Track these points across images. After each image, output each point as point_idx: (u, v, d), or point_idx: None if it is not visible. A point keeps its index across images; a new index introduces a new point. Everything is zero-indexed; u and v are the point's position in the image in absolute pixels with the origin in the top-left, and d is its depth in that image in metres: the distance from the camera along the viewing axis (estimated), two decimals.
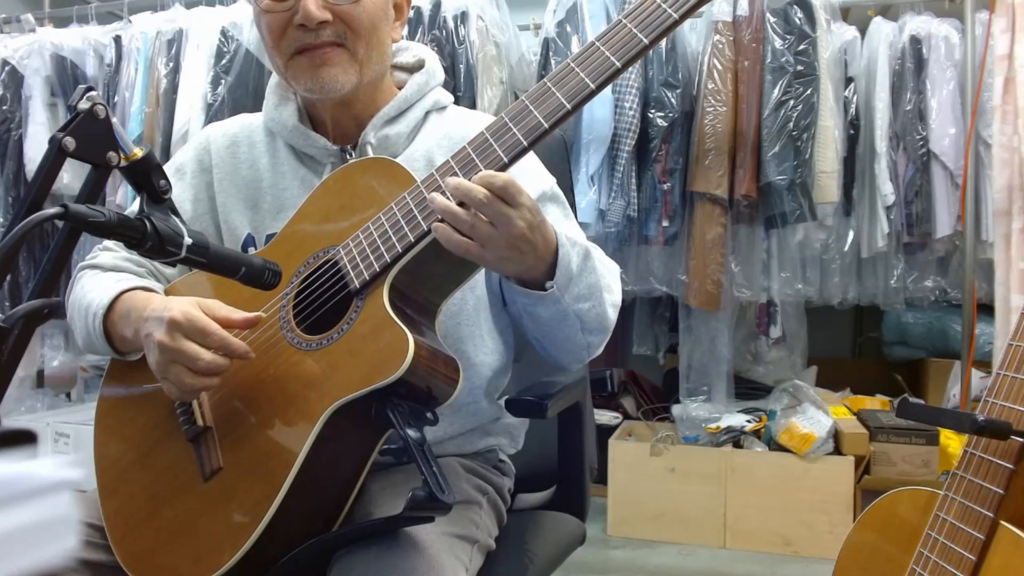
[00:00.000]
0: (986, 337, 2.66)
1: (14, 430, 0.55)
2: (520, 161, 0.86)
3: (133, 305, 0.98)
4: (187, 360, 0.86)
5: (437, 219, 0.85)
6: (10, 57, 3.14)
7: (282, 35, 1.01)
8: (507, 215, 0.82)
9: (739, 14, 2.57)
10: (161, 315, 0.88)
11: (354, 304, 0.88)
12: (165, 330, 0.87)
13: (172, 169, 1.16)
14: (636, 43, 0.82)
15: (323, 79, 1.01)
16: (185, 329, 0.86)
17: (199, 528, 0.87)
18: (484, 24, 2.75)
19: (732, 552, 2.59)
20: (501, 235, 0.83)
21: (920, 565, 1.16)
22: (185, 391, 0.88)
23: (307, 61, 1.01)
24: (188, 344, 0.86)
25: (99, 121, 0.77)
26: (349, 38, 1.02)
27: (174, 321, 0.86)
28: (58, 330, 3.25)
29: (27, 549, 0.43)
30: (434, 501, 0.76)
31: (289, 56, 1.02)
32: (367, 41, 1.03)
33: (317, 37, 1.00)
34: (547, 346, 1.01)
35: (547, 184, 1.11)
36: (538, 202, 1.06)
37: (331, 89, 1.02)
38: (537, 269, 0.89)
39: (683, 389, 2.82)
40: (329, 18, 1.00)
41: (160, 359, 0.87)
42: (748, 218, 2.64)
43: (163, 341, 0.86)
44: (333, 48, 1.01)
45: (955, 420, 1.30)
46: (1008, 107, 2.31)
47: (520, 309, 0.96)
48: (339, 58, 1.02)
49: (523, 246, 0.85)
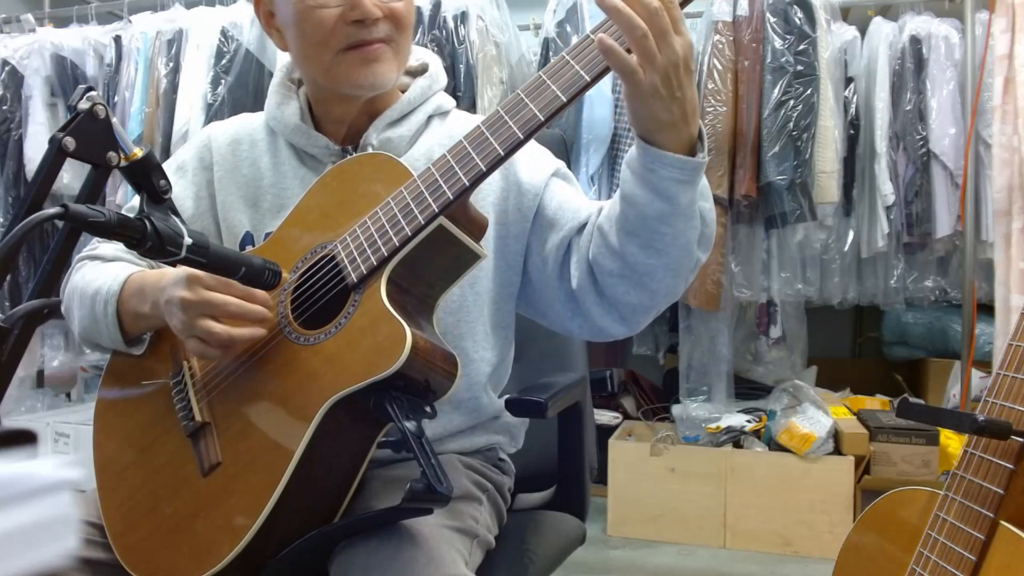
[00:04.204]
0: (986, 337, 2.66)
1: (14, 430, 0.55)
2: (525, 149, 0.87)
3: (145, 281, 0.99)
4: (215, 308, 0.87)
5: (434, 212, 0.86)
6: (10, 57, 3.14)
7: (332, 31, 1.01)
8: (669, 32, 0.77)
9: (739, 14, 2.57)
10: (179, 276, 0.89)
11: (352, 298, 0.88)
12: (185, 285, 0.88)
13: (173, 167, 1.16)
14: None
15: (376, 75, 1.02)
16: (206, 282, 0.87)
17: (198, 524, 0.87)
18: (484, 24, 2.75)
19: (732, 552, 2.59)
20: (664, 57, 0.78)
21: (920, 565, 1.16)
22: (215, 342, 0.88)
23: (359, 57, 1.02)
24: (212, 293, 0.87)
25: (99, 121, 0.77)
26: (396, 35, 1.03)
27: (194, 276, 0.87)
28: (58, 330, 3.25)
29: (27, 549, 0.43)
30: (432, 493, 0.77)
31: (338, 51, 1.02)
32: (407, 39, 1.06)
33: (371, 33, 1.01)
34: (660, 266, 0.92)
35: (555, 164, 1.11)
36: (550, 179, 1.07)
37: (380, 85, 1.04)
38: (679, 132, 0.83)
39: (683, 389, 2.82)
40: (382, 15, 1.01)
41: (185, 316, 0.88)
42: (748, 218, 2.64)
43: (186, 296, 0.87)
44: (383, 45, 1.03)
45: (955, 420, 1.30)
46: (1008, 107, 2.31)
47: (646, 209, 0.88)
48: (387, 55, 1.03)
49: (676, 83, 0.79)
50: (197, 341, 0.89)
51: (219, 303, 0.87)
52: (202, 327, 0.87)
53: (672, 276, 0.94)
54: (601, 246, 0.95)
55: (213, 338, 0.87)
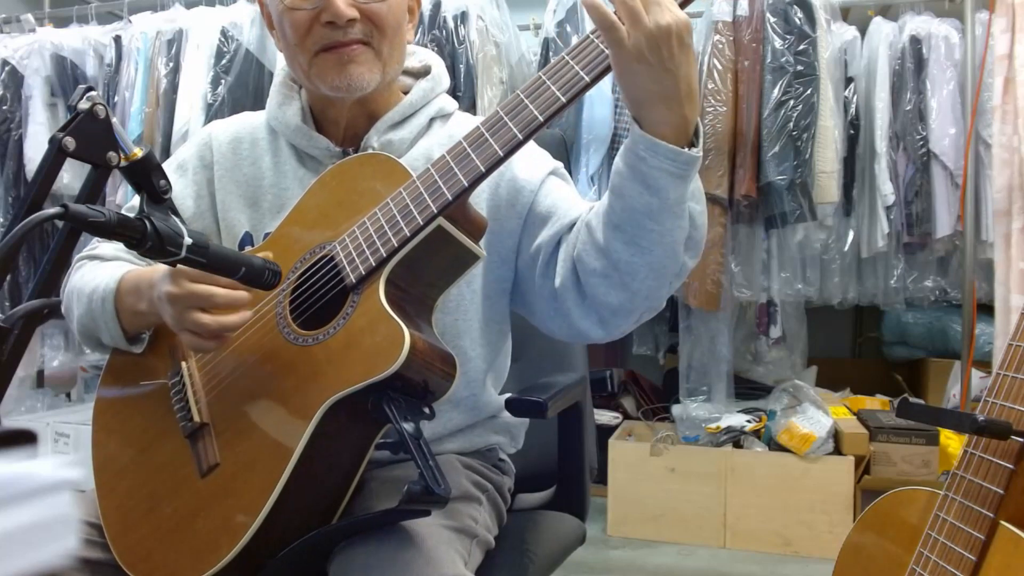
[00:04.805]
0: (986, 337, 2.66)
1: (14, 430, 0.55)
2: (524, 149, 0.86)
3: (140, 278, 0.99)
4: (202, 300, 0.87)
5: (433, 213, 0.86)
6: (10, 57, 3.14)
7: (307, 33, 1.01)
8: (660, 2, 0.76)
9: (739, 14, 2.57)
10: (166, 272, 0.89)
11: (350, 299, 0.88)
12: (170, 281, 0.88)
13: (174, 165, 1.15)
14: None
15: (350, 76, 1.01)
16: (190, 275, 0.87)
17: (196, 524, 0.87)
18: (484, 24, 2.75)
19: (732, 552, 2.59)
20: (651, 20, 0.76)
21: (920, 565, 1.16)
22: (207, 333, 0.88)
23: (334, 58, 1.01)
24: (197, 285, 0.87)
25: (99, 121, 0.77)
26: (375, 37, 1.02)
27: (178, 271, 0.87)
28: (58, 330, 3.25)
29: (27, 549, 0.43)
30: (430, 494, 0.77)
31: (314, 54, 1.02)
32: (391, 40, 1.03)
33: (345, 35, 1.00)
34: (643, 265, 0.89)
35: (553, 164, 1.10)
36: (547, 177, 1.06)
37: (357, 87, 1.02)
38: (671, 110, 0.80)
39: (683, 389, 2.82)
40: (357, 16, 1.00)
41: (174, 310, 0.88)
42: (748, 218, 2.64)
43: (171, 290, 0.88)
44: (360, 46, 1.01)
45: (955, 420, 1.30)
46: (1008, 107, 2.31)
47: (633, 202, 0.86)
48: (365, 56, 1.02)
49: (667, 53, 0.77)
50: (190, 334, 0.89)
51: (204, 294, 0.87)
52: (192, 319, 0.87)
53: (655, 277, 0.91)
54: (587, 243, 0.93)
55: (204, 329, 0.88)
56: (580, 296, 0.96)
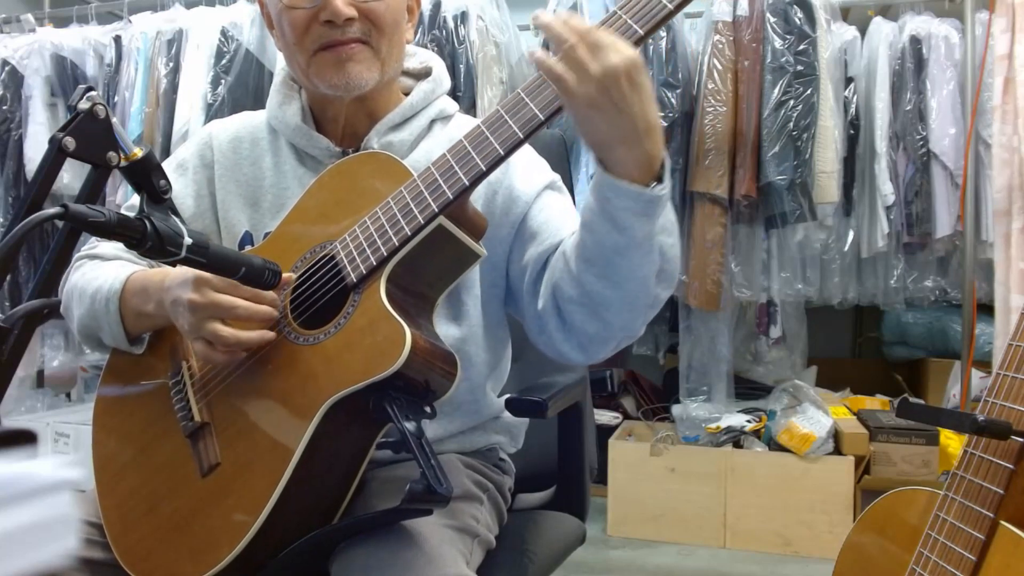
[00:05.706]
0: (986, 337, 2.66)
1: (14, 430, 0.55)
2: (521, 154, 0.86)
3: (148, 279, 0.98)
4: (223, 311, 0.87)
5: (434, 212, 0.86)
6: (10, 57, 3.14)
7: (306, 32, 1.01)
8: (604, 47, 0.76)
9: (739, 14, 2.57)
10: (185, 277, 0.89)
11: (351, 298, 0.88)
12: (192, 288, 0.88)
13: (174, 165, 1.15)
14: (631, 34, 0.82)
15: (348, 75, 1.01)
16: (214, 284, 0.87)
17: (197, 524, 0.87)
18: (484, 24, 2.75)
19: (732, 552, 2.59)
20: (598, 66, 0.75)
21: (920, 565, 1.16)
22: (224, 344, 0.87)
23: (332, 57, 1.01)
24: (221, 296, 0.87)
25: (99, 121, 0.77)
26: (373, 35, 1.02)
27: (202, 278, 0.87)
28: (58, 330, 3.25)
29: (27, 549, 0.43)
30: (432, 494, 0.77)
31: (312, 52, 1.02)
32: (390, 39, 1.04)
33: (343, 33, 1.00)
34: (616, 298, 0.90)
35: (551, 176, 1.10)
36: (543, 191, 1.06)
37: (355, 86, 1.02)
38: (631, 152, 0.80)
39: (683, 389, 2.82)
40: (355, 15, 1.00)
41: (193, 318, 0.88)
42: (748, 218, 2.64)
43: (194, 298, 0.87)
44: (358, 45, 1.01)
45: (955, 420, 1.30)
46: (1008, 107, 2.31)
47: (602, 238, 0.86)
48: (363, 55, 1.02)
49: (617, 95, 0.76)
50: (204, 343, 0.88)
51: (227, 305, 0.87)
52: (210, 330, 0.87)
53: (628, 310, 0.92)
54: (563, 271, 0.93)
55: (221, 341, 0.87)
56: (560, 321, 0.97)
